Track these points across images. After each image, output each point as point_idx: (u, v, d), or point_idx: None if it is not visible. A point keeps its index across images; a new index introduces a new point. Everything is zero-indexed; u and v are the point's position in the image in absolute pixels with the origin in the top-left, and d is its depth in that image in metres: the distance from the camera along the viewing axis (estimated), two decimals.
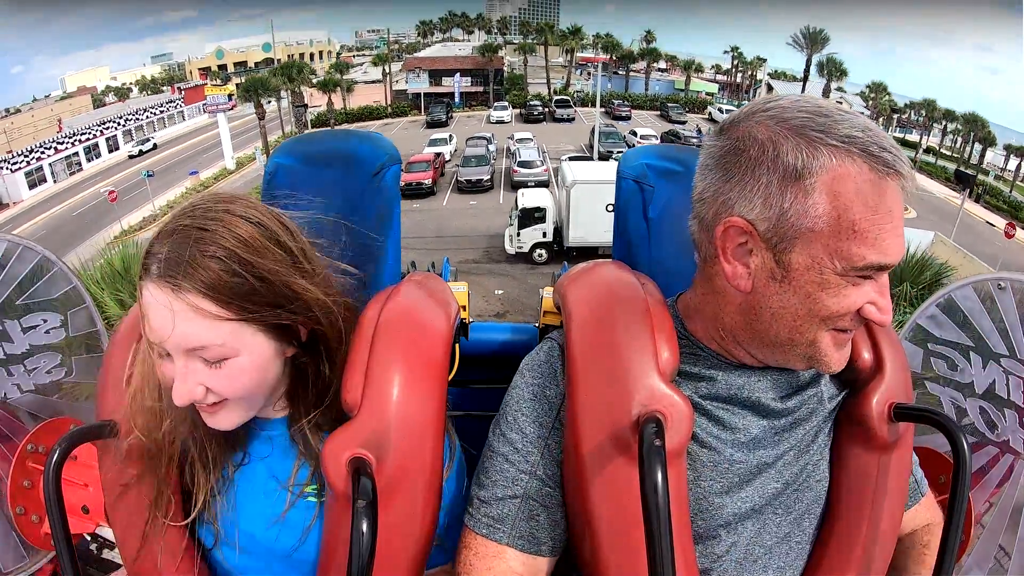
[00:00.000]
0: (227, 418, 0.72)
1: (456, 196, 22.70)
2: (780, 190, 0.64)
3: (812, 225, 0.64)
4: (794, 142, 0.64)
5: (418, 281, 0.91)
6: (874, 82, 33.40)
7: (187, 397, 0.68)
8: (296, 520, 0.77)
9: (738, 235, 0.68)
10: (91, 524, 1.16)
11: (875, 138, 0.63)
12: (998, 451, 1.24)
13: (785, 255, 0.66)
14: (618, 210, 1.07)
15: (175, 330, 0.66)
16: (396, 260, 1.09)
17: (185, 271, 0.65)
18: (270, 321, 0.71)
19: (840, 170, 0.63)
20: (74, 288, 1.47)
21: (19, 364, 1.39)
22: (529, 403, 0.79)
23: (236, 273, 0.67)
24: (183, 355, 0.68)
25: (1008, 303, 1.23)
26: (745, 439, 0.75)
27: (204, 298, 0.66)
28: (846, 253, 0.64)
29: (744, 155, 0.67)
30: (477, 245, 17.66)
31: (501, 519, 0.76)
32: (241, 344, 0.69)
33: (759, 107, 0.69)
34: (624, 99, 36.69)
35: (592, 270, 0.88)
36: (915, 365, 1.35)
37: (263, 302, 0.69)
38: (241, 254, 0.68)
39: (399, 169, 1.07)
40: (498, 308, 13.75)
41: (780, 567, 0.77)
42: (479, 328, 1.30)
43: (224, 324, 0.67)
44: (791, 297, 0.67)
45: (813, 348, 0.70)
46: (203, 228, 0.67)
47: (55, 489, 0.67)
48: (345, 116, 35.27)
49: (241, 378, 0.70)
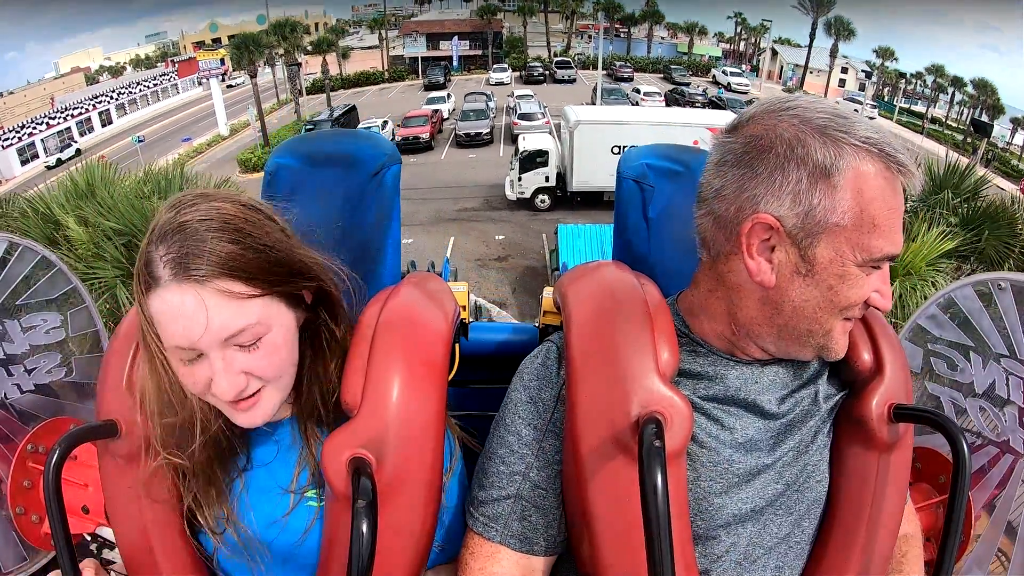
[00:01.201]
0: (265, 406, 0.72)
1: (455, 150, 22.03)
2: (810, 187, 0.67)
3: (839, 220, 0.67)
4: (821, 141, 0.67)
5: (418, 281, 0.91)
6: (881, 47, 32.77)
7: (235, 388, 0.67)
8: (297, 522, 0.77)
9: (763, 231, 0.69)
10: (91, 524, 1.15)
11: (886, 142, 0.67)
12: (998, 451, 1.24)
13: (811, 250, 0.68)
14: (618, 210, 1.07)
15: (210, 324, 0.65)
16: (396, 260, 1.09)
17: (203, 260, 0.64)
18: (291, 291, 0.72)
19: (863, 168, 0.66)
20: (74, 288, 1.47)
21: (19, 364, 1.39)
22: (525, 406, 0.79)
23: (249, 247, 0.67)
24: (219, 348, 0.66)
25: (1008, 303, 1.23)
26: (743, 439, 0.75)
27: (232, 279, 0.65)
28: (867, 246, 0.67)
29: (771, 152, 0.68)
30: (476, 195, 17.10)
31: (495, 518, 0.77)
32: (271, 319, 0.70)
33: (778, 106, 0.70)
34: (626, 61, 36.03)
35: (592, 270, 0.88)
36: (915, 365, 1.35)
37: (282, 272, 0.70)
38: (246, 228, 0.68)
39: (399, 169, 1.06)
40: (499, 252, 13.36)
41: (779, 567, 0.77)
42: (479, 328, 1.30)
43: (254, 302, 0.68)
44: (813, 290, 0.69)
45: (827, 338, 0.73)
46: (196, 218, 0.66)
47: (55, 489, 0.67)
48: (341, 82, 34.58)
49: (279, 353, 0.71)
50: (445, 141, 23.14)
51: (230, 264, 0.65)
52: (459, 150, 21.95)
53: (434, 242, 13.74)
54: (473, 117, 23.18)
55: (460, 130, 22.55)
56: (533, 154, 15.05)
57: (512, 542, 0.76)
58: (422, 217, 15.33)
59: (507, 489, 0.77)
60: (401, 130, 22.77)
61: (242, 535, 0.77)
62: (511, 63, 36.05)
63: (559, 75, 34.13)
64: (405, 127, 22.89)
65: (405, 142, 21.60)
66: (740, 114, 0.74)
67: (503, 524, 0.77)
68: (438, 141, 23.03)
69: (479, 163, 20.18)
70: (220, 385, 0.67)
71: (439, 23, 38.27)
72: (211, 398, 0.70)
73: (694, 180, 0.77)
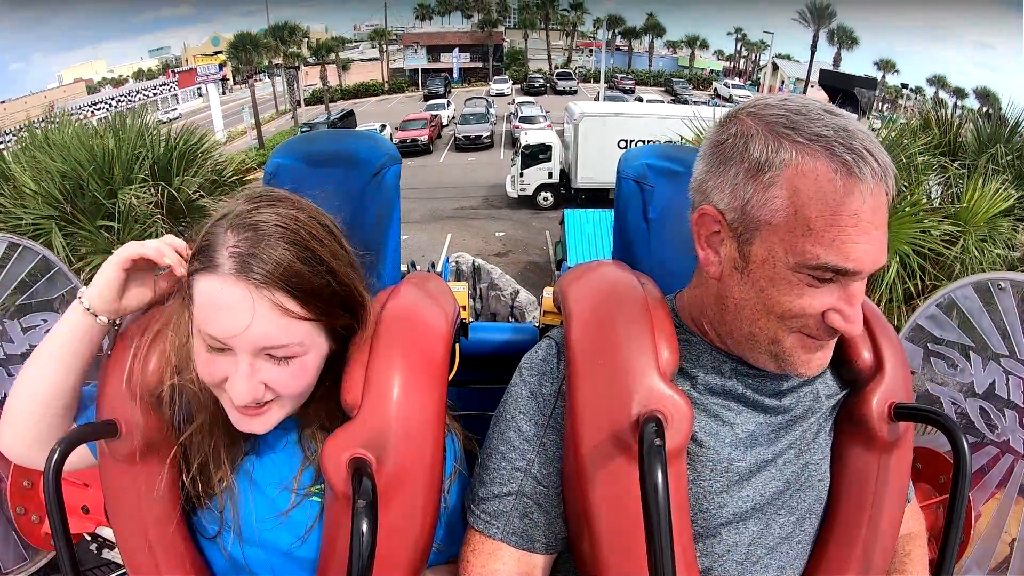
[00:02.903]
0: (270, 419, 0.71)
1: (453, 154, 21.54)
2: (744, 182, 0.66)
3: (770, 218, 0.65)
4: (763, 137, 0.66)
5: (418, 281, 0.91)
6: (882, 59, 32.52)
7: (251, 396, 0.67)
8: (299, 519, 0.77)
9: (712, 223, 0.71)
10: (91, 524, 1.16)
11: (846, 139, 0.62)
12: (998, 451, 1.24)
13: (746, 246, 0.68)
14: (618, 210, 1.07)
15: (254, 329, 0.64)
16: (396, 260, 1.09)
17: (268, 268, 0.64)
18: (338, 323, 0.71)
19: (802, 167, 0.63)
20: (74, 288, 1.47)
21: (19, 364, 1.39)
22: (526, 401, 0.79)
23: (315, 271, 0.66)
24: (251, 353, 0.66)
25: (1008, 303, 1.23)
26: (743, 435, 0.75)
27: (288, 296, 0.65)
28: (799, 249, 0.63)
29: (722, 147, 0.69)
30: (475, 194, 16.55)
31: (496, 515, 0.77)
32: (312, 343, 0.69)
33: (751, 103, 0.71)
34: (628, 74, 36.15)
35: (592, 270, 0.88)
36: (915, 365, 1.35)
37: (336, 304, 0.70)
38: (318, 252, 0.67)
39: (399, 169, 1.07)
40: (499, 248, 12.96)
41: (781, 567, 0.77)
42: (479, 328, 1.30)
43: (303, 324, 0.67)
44: (749, 289, 0.69)
45: (776, 347, 0.70)
46: (273, 222, 0.66)
47: (55, 489, 0.66)
48: (341, 93, 34.50)
49: (305, 376, 0.70)
50: (444, 146, 22.82)
51: (292, 281, 0.65)
52: (458, 154, 21.60)
53: (430, 238, 13.33)
54: (473, 120, 22.79)
55: (459, 133, 22.13)
56: (536, 149, 14.50)
57: (513, 539, 0.76)
58: (418, 215, 14.95)
59: (508, 486, 0.77)
60: (399, 133, 22.34)
61: (244, 534, 0.77)
62: (512, 75, 36.16)
63: (560, 86, 34.16)
64: (403, 130, 22.46)
65: (402, 145, 21.13)
66: (729, 110, 0.74)
67: (504, 521, 0.76)
68: (437, 146, 22.65)
69: (479, 166, 19.87)
70: (237, 387, 0.66)
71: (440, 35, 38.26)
72: (219, 393, 0.70)
73: None
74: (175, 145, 4.56)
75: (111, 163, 4.19)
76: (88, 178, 4.07)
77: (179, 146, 4.56)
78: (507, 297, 6.83)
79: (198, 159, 4.67)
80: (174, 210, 4.35)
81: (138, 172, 4.23)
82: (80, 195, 4.09)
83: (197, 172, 4.55)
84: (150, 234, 4.08)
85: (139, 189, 4.16)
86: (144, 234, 4.05)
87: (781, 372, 0.73)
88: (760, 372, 0.76)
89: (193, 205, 4.41)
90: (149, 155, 4.34)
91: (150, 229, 4.14)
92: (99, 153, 4.18)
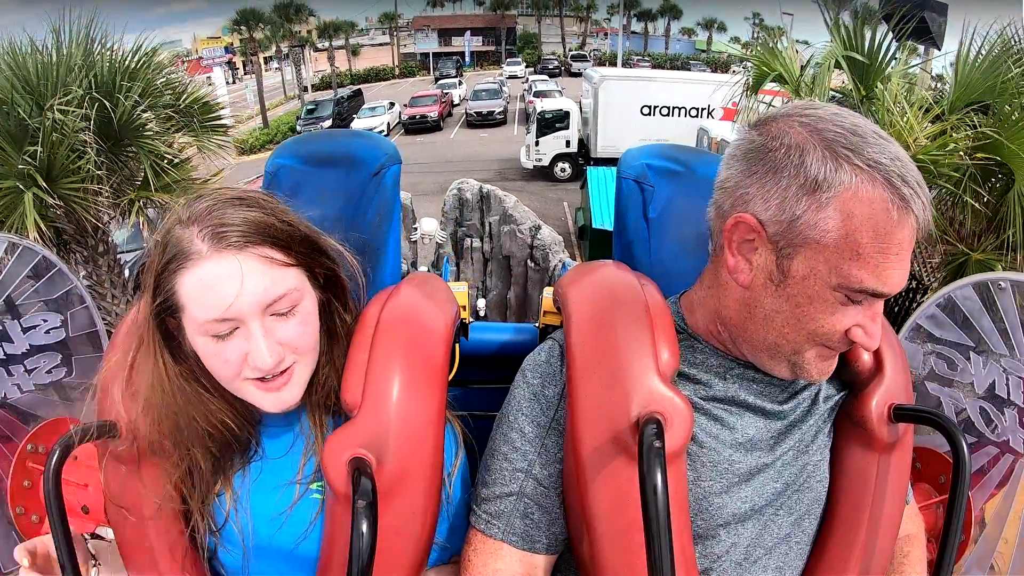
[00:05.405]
0: (296, 383, 0.73)
1: (465, 131, 20.72)
2: (797, 197, 0.65)
3: (819, 238, 0.64)
4: (821, 154, 0.64)
5: (418, 282, 0.91)
6: None
7: (275, 356, 0.69)
8: (300, 516, 0.77)
9: (747, 231, 0.69)
10: (91, 524, 1.15)
11: (902, 169, 0.63)
12: (998, 451, 1.24)
13: (787, 261, 0.67)
14: (618, 210, 1.07)
15: (253, 288, 0.67)
16: (396, 260, 1.09)
17: (240, 228, 0.67)
18: (314, 267, 0.74)
19: (859, 192, 0.63)
20: (74, 288, 1.47)
21: (19, 364, 1.39)
22: (529, 402, 0.79)
23: (277, 219, 0.71)
24: (259, 316, 0.68)
25: (1008, 303, 1.23)
26: (743, 439, 0.75)
27: (269, 246, 0.69)
28: (845, 272, 0.64)
29: (771, 155, 0.67)
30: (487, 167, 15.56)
31: (498, 515, 0.77)
32: (304, 288, 0.73)
33: (799, 110, 0.69)
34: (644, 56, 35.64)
35: (592, 270, 0.88)
36: (915, 365, 1.35)
37: (308, 245, 0.73)
38: (269, 205, 0.72)
39: (399, 169, 1.07)
40: None
41: (780, 567, 0.77)
42: (479, 328, 1.30)
43: (290, 270, 0.71)
44: (784, 303, 0.68)
45: (797, 357, 0.71)
46: (221, 200, 0.69)
47: (55, 489, 0.67)
48: (351, 78, 34.03)
49: (311, 322, 0.73)
50: (455, 124, 22.03)
51: (268, 232, 0.69)
52: (470, 130, 20.84)
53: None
54: (485, 96, 21.92)
55: (471, 109, 21.31)
56: (553, 116, 13.62)
57: (514, 540, 0.76)
58: (425, 188, 13.84)
59: (510, 486, 0.77)
60: (408, 109, 21.46)
61: (245, 533, 0.77)
62: (525, 58, 35.59)
63: (575, 68, 33.56)
64: (412, 106, 21.51)
65: (412, 121, 20.54)
66: (766, 113, 0.73)
67: (506, 521, 0.77)
68: (448, 124, 21.85)
69: (491, 141, 19.07)
70: (260, 352, 0.68)
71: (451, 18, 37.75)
72: (241, 383, 0.71)
73: (694, 180, 0.77)
74: (122, 60, 3.75)
75: (47, 81, 3.46)
76: (13, 94, 3.41)
77: (127, 63, 3.75)
78: (525, 233, 6.06)
79: (149, 78, 3.80)
80: (110, 133, 3.59)
81: (77, 90, 3.46)
82: (4, 115, 3.44)
83: (148, 94, 3.76)
84: (80, 166, 3.36)
85: (74, 107, 3.40)
86: (74, 165, 3.40)
87: (793, 379, 0.74)
88: (766, 378, 0.76)
89: (135, 128, 3.66)
90: (90, 73, 3.56)
91: (80, 160, 3.42)
92: (34, 70, 3.49)
